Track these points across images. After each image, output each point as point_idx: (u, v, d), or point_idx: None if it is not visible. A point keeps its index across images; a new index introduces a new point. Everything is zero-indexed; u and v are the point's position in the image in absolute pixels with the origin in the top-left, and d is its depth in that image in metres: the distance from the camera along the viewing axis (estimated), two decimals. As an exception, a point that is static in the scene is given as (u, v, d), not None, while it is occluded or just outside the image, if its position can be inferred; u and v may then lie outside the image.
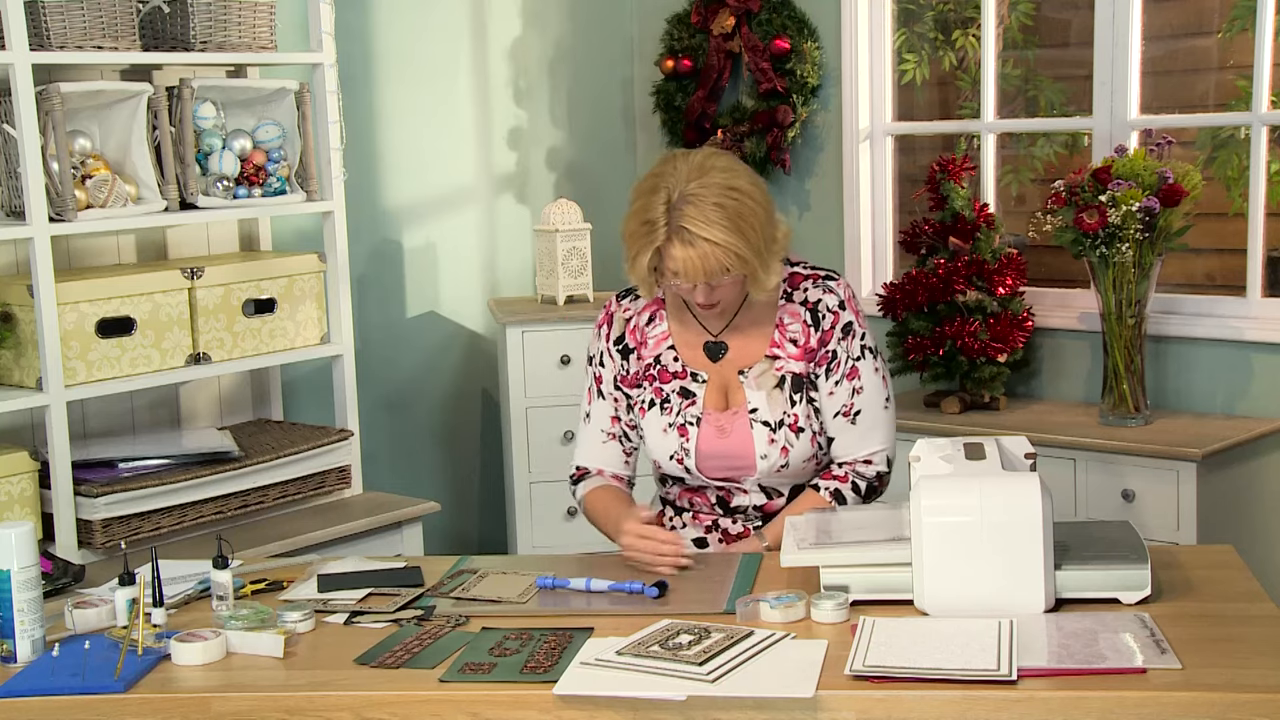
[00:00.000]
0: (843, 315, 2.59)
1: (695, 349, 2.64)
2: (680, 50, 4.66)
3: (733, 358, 2.62)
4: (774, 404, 2.57)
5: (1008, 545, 2.08)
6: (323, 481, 3.53)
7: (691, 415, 2.60)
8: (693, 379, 2.62)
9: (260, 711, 1.96)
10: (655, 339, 2.66)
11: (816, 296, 2.60)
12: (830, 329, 2.58)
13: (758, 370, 2.59)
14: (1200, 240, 4.00)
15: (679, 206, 2.42)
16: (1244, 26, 4.03)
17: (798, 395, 2.58)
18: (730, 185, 2.44)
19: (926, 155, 4.46)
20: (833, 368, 2.58)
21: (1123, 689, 1.84)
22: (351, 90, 4.00)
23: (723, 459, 2.60)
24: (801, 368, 2.58)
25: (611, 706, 1.91)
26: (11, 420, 3.23)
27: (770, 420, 2.57)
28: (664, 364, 2.65)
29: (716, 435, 2.59)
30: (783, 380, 2.58)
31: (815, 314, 2.59)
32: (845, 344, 2.58)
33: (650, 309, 2.68)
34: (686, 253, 2.42)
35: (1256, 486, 3.69)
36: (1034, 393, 4.17)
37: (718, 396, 2.61)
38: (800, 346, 2.59)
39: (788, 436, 2.57)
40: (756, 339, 2.61)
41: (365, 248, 4.14)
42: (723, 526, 2.66)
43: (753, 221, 2.44)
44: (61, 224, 3.10)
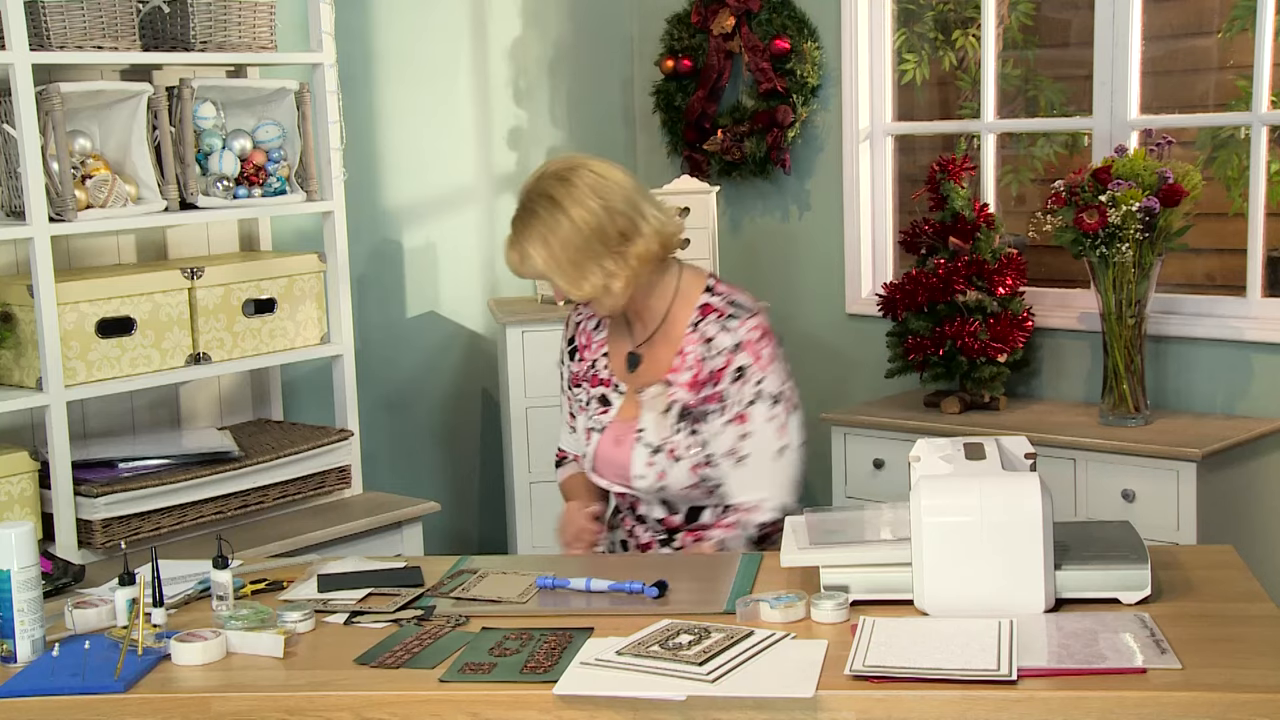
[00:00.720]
0: (736, 358, 2.60)
1: (620, 359, 2.73)
2: (680, 50, 4.66)
3: (643, 373, 2.69)
4: (659, 428, 2.63)
5: (1008, 545, 2.08)
6: (323, 481, 3.53)
7: (599, 422, 2.71)
8: (614, 389, 2.72)
9: (260, 711, 1.96)
10: (596, 344, 2.78)
11: (713, 333, 2.63)
12: (721, 370, 2.60)
13: (652, 392, 2.65)
14: (1200, 240, 4.00)
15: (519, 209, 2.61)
16: (1244, 26, 4.04)
17: (682, 424, 2.62)
18: (552, 197, 2.55)
19: (926, 155, 4.46)
20: (725, 408, 2.61)
21: (1123, 689, 1.84)
22: (351, 90, 4.00)
23: (613, 468, 2.69)
24: (690, 398, 2.62)
25: (611, 706, 1.91)
26: (11, 420, 3.23)
27: (653, 442, 2.63)
28: (596, 370, 2.76)
29: (611, 445, 2.68)
30: (670, 407, 2.63)
31: (708, 350, 2.62)
32: (736, 387, 2.60)
33: (598, 316, 2.78)
34: (508, 252, 2.62)
35: (1256, 486, 3.69)
36: (1034, 393, 4.17)
37: (629, 409, 2.70)
38: (693, 377, 2.62)
39: (664, 462, 2.62)
40: (661, 362, 2.67)
41: (365, 248, 4.14)
42: (636, 533, 2.74)
43: (559, 234, 2.53)
44: (61, 224, 3.10)
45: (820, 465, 4.54)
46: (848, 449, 4.11)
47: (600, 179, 2.59)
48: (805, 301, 4.66)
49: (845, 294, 4.55)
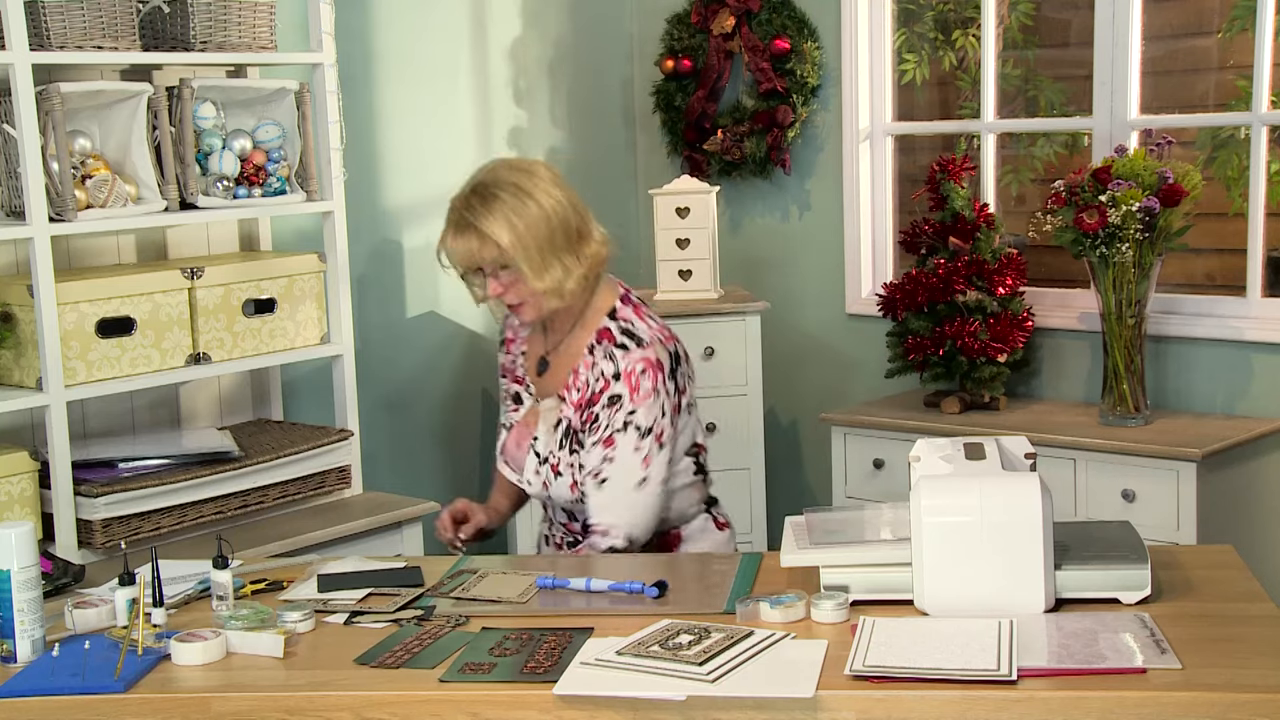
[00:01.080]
0: (613, 385, 2.59)
1: (535, 359, 2.77)
2: (680, 50, 4.66)
3: (548, 379, 2.72)
4: (547, 440, 2.68)
5: (1008, 545, 2.08)
6: (323, 481, 3.53)
7: (509, 420, 2.78)
8: (525, 389, 2.77)
9: (260, 711, 1.96)
10: (520, 341, 2.82)
11: (601, 358, 2.62)
12: (599, 393, 2.60)
13: (547, 405, 2.70)
14: (1200, 240, 4.00)
15: (467, 199, 2.57)
16: (1244, 26, 4.04)
17: (565, 440, 2.65)
18: (515, 183, 2.55)
19: (926, 155, 4.46)
20: (593, 429, 2.61)
21: (1123, 689, 1.84)
22: (351, 90, 4.00)
23: (516, 466, 2.76)
24: (573, 418, 2.65)
25: (611, 706, 1.91)
26: (11, 420, 3.23)
27: (540, 452, 2.69)
28: (516, 366, 2.81)
29: (513, 444, 2.76)
30: (559, 422, 2.66)
31: (592, 374, 2.63)
32: (609, 412, 2.59)
33: None
34: (456, 241, 2.57)
35: (1256, 486, 3.69)
36: (1034, 393, 4.17)
37: (533, 412, 2.74)
38: (580, 397, 2.64)
39: (548, 474, 2.68)
40: (561, 375, 2.69)
41: (365, 248, 4.14)
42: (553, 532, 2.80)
43: (526, 219, 2.53)
44: (61, 224, 3.10)
45: (820, 465, 4.55)
46: (848, 449, 4.11)
47: (557, 176, 2.62)
48: (805, 301, 4.66)
49: (845, 294, 4.55)
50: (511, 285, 2.58)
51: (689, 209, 4.29)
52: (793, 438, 4.77)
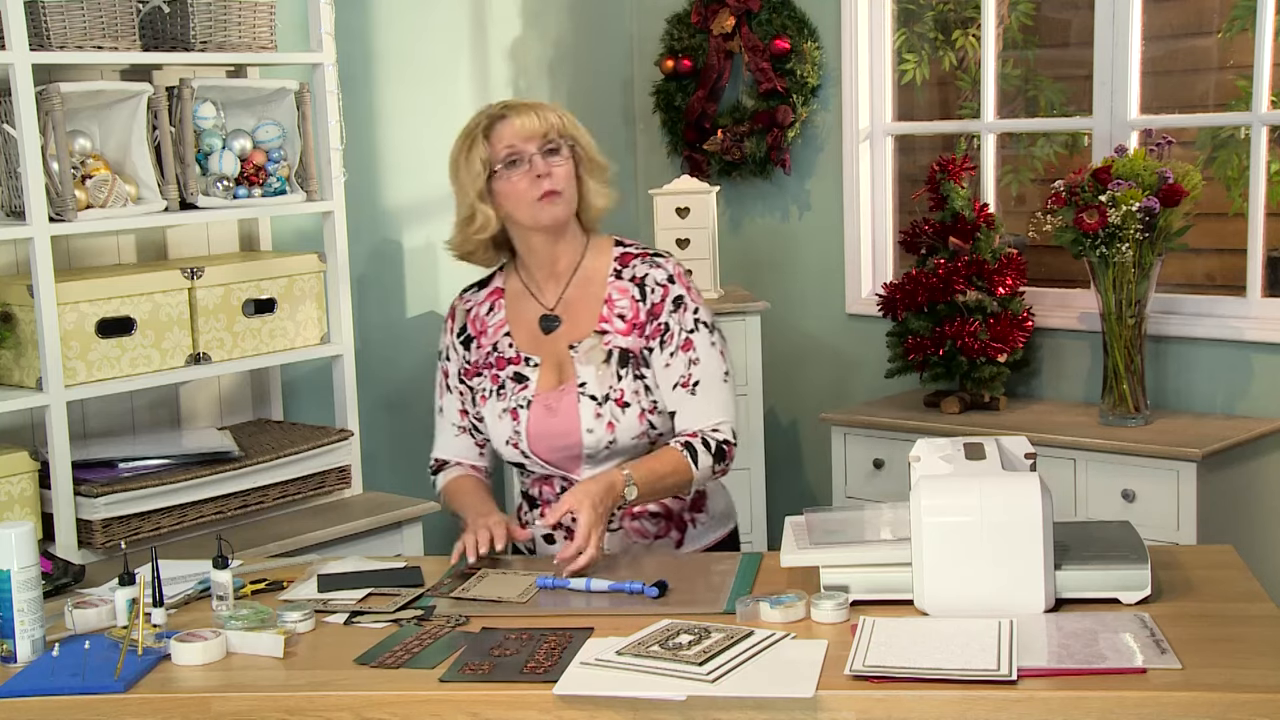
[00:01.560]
0: (672, 289, 2.60)
1: (531, 328, 2.66)
2: (680, 50, 4.66)
3: (565, 331, 2.63)
4: (602, 378, 2.58)
5: (1008, 545, 2.08)
6: (323, 481, 3.53)
7: (523, 399, 2.62)
8: (526, 363, 2.65)
9: (260, 711, 1.96)
10: (494, 327, 2.70)
11: (644, 271, 2.62)
12: (660, 302, 2.59)
13: (587, 345, 2.60)
14: (1200, 240, 4.00)
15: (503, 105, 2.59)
16: (1244, 26, 4.04)
17: (624, 370, 2.58)
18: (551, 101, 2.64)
19: (926, 155, 4.46)
20: (666, 339, 2.58)
21: (1123, 689, 1.84)
22: (351, 90, 4.00)
23: (551, 438, 2.59)
24: (629, 343, 2.59)
25: (611, 706, 1.91)
26: (11, 420, 3.23)
27: (597, 394, 2.57)
28: (500, 351, 2.68)
29: (545, 414, 2.60)
30: (610, 355, 2.59)
31: (642, 288, 2.60)
32: (677, 316, 2.59)
33: (490, 298, 2.73)
34: (517, 120, 2.56)
35: (1256, 486, 3.69)
36: (1034, 393, 4.17)
37: (551, 375, 2.62)
38: (628, 321, 2.60)
39: (614, 411, 2.56)
40: (587, 314, 2.63)
41: (365, 248, 4.14)
42: (563, 523, 2.60)
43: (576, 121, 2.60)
44: (61, 224, 3.10)
45: (820, 465, 4.55)
46: (848, 449, 4.11)
47: None
48: (805, 301, 4.66)
49: (845, 294, 4.55)
50: (560, 167, 2.56)
51: (689, 209, 4.29)
52: (793, 438, 4.77)
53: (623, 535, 2.61)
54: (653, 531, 2.62)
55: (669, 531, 2.63)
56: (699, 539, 2.67)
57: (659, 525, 2.63)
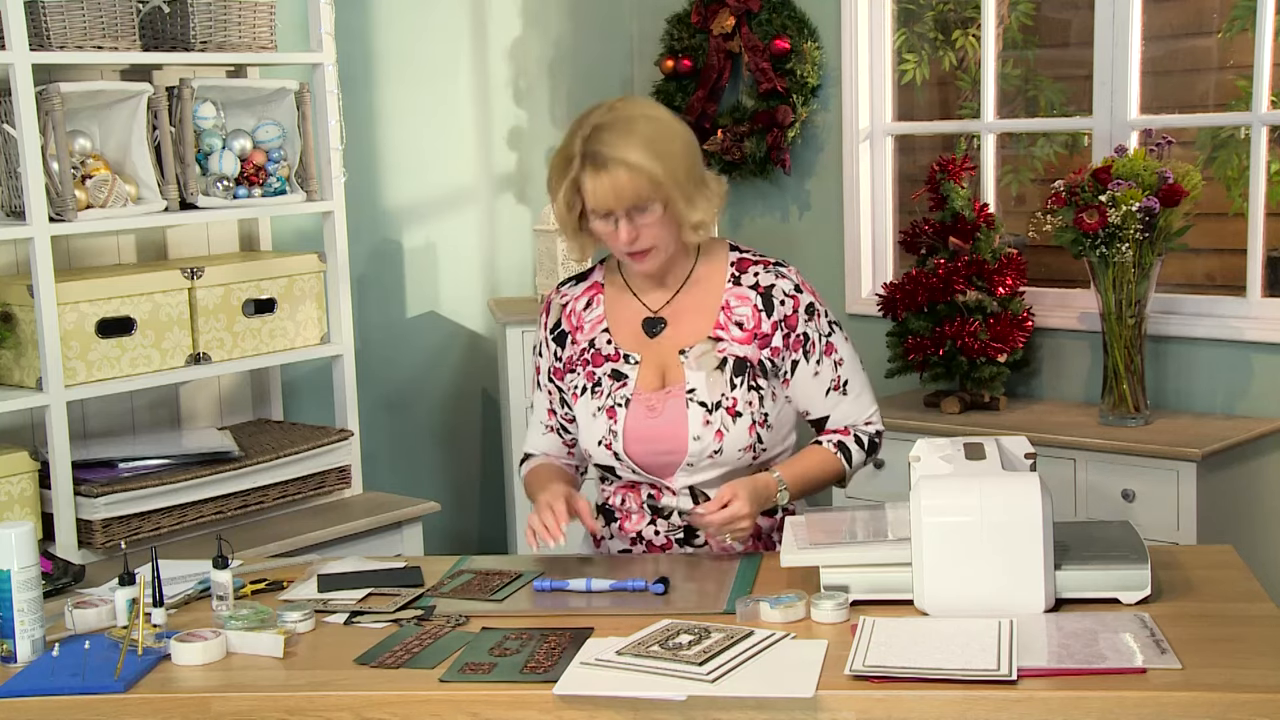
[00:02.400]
0: (802, 298, 2.56)
1: (633, 328, 2.57)
2: (680, 50, 4.66)
3: (671, 335, 2.54)
4: (713, 385, 2.49)
5: (1008, 545, 2.08)
6: (323, 481, 3.53)
7: (621, 397, 2.52)
8: (625, 361, 2.54)
9: (260, 711, 1.96)
10: (591, 323, 2.60)
11: (769, 281, 2.56)
12: (794, 313, 2.54)
13: (699, 350, 2.52)
14: (1200, 240, 4.00)
15: (594, 135, 2.39)
16: (1244, 26, 4.03)
17: (739, 379, 2.50)
18: (647, 114, 2.43)
19: (926, 155, 4.46)
20: (809, 349, 2.55)
21: (1123, 689, 1.84)
22: (351, 90, 4.00)
23: (651, 441, 2.50)
24: (747, 351, 2.52)
25: (611, 706, 1.91)
26: (11, 420, 3.23)
27: (707, 401, 2.48)
28: (597, 347, 2.57)
29: (646, 414, 2.50)
30: (724, 362, 2.50)
31: (768, 299, 2.55)
32: (814, 324, 2.55)
33: (588, 293, 2.63)
34: (599, 179, 2.37)
35: (1256, 486, 3.69)
36: (1034, 393, 4.17)
37: (653, 377, 2.53)
38: (748, 331, 2.53)
39: (724, 419, 2.48)
40: (699, 319, 2.54)
41: (365, 248, 4.14)
42: (646, 538, 2.56)
43: (671, 146, 2.41)
44: (61, 224, 3.10)
45: (820, 465, 4.54)
46: (848, 449, 4.10)
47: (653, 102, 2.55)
48: (805, 301, 4.66)
49: (845, 294, 4.55)
50: (649, 226, 2.42)
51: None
52: (793, 438, 4.77)
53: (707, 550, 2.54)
54: (739, 549, 2.54)
55: (756, 550, 2.57)
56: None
57: (745, 542, 2.54)
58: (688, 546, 2.54)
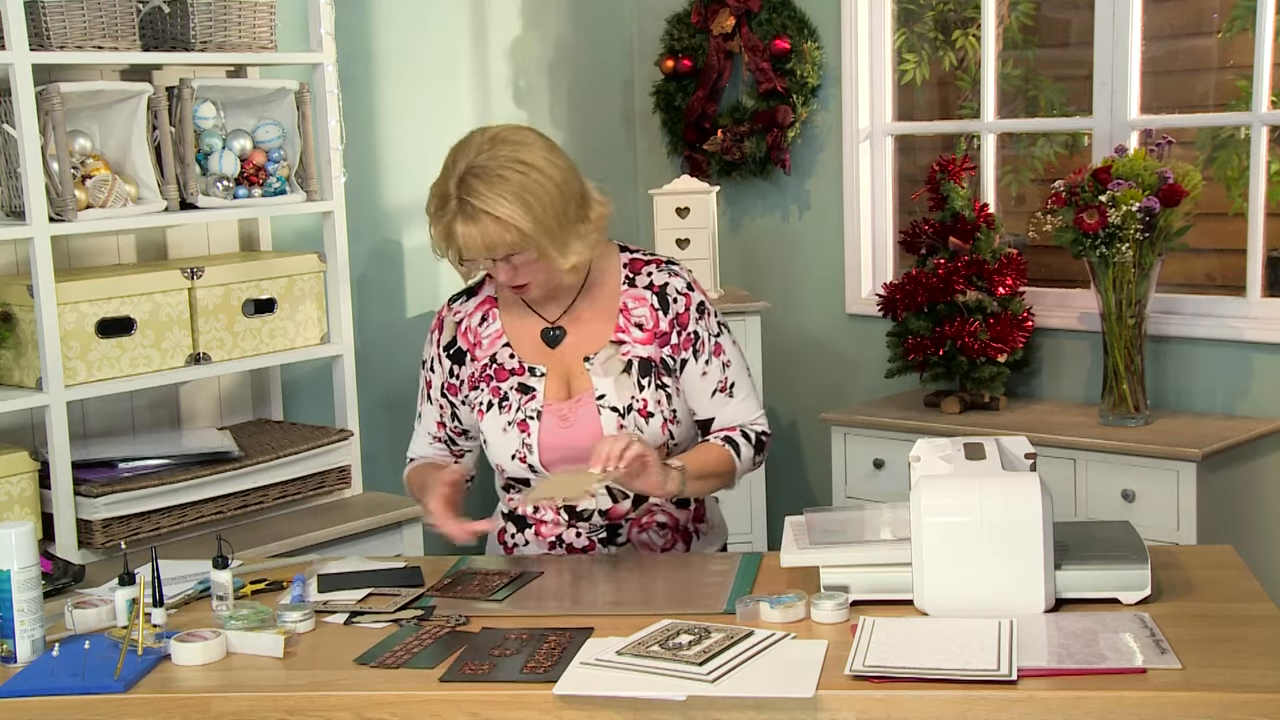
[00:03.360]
0: (693, 296, 2.56)
1: (533, 339, 2.56)
2: (680, 50, 4.66)
3: (573, 343, 2.54)
4: (622, 389, 2.49)
5: (1008, 545, 2.08)
6: (323, 481, 3.53)
7: (531, 410, 2.51)
8: (530, 373, 2.53)
9: (260, 711, 1.96)
10: (489, 338, 2.58)
11: (663, 280, 2.56)
12: (685, 311, 2.54)
13: (604, 355, 2.51)
14: (1200, 240, 4.00)
15: (466, 180, 2.37)
16: (1244, 26, 4.03)
17: (646, 380, 2.50)
18: (519, 159, 2.38)
19: (926, 155, 4.46)
20: (699, 348, 2.55)
21: (1123, 689, 1.84)
22: (351, 90, 4.00)
23: (566, 450, 2.49)
24: (649, 352, 2.52)
25: (611, 706, 1.91)
26: (11, 420, 3.23)
27: (619, 405, 2.49)
28: (499, 362, 2.56)
29: (559, 425, 2.50)
30: (630, 365, 2.51)
31: (663, 297, 2.54)
32: (704, 324, 2.55)
33: (482, 308, 2.60)
34: (468, 229, 2.35)
35: (1256, 486, 3.69)
36: (1034, 393, 4.17)
37: (559, 387, 2.52)
38: (648, 331, 2.53)
39: (637, 421, 2.49)
40: (599, 325, 2.54)
41: (365, 248, 4.14)
42: (566, 541, 2.56)
43: (541, 196, 2.36)
44: (61, 224, 3.10)
45: (820, 465, 4.55)
46: (848, 449, 4.11)
47: (548, 141, 2.48)
48: (805, 301, 4.66)
49: (845, 294, 4.55)
50: (525, 267, 2.42)
51: (689, 209, 4.29)
52: (793, 438, 4.77)
53: (630, 549, 2.57)
54: (659, 544, 2.58)
55: (675, 544, 2.60)
56: (702, 549, 2.64)
57: (665, 537, 2.59)
58: (611, 546, 2.56)
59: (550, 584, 2.38)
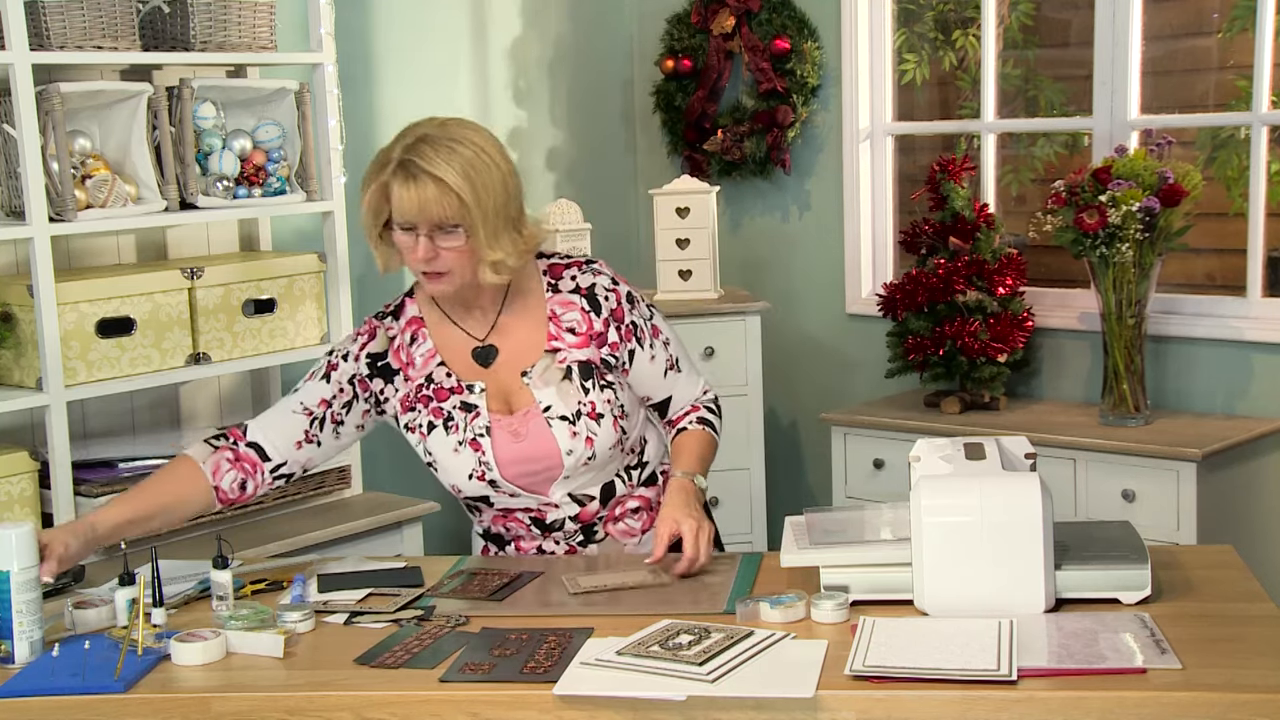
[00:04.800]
0: (621, 289, 2.56)
1: (464, 358, 2.52)
2: (680, 50, 4.66)
3: (506, 360, 2.51)
4: (566, 396, 2.47)
5: (1008, 545, 2.08)
6: (323, 481, 3.53)
7: (479, 427, 2.47)
8: (469, 391, 2.49)
9: (260, 711, 1.96)
10: (422, 358, 2.53)
11: (589, 281, 2.55)
12: (618, 305, 2.54)
13: (541, 366, 2.49)
14: (1200, 240, 4.00)
15: (415, 146, 2.33)
16: (1244, 26, 4.03)
17: (589, 383, 2.49)
18: (476, 142, 2.36)
19: (926, 155, 4.46)
20: (641, 336, 2.56)
21: (1123, 689, 1.84)
22: (351, 90, 4.00)
23: (525, 463, 2.47)
24: (586, 355, 2.51)
25: (611, 706, 1.91)
26: (11, 420, 3.23)
27: (567, 414, 2.47)
28: (437, 382, 2.51)
29: (512, 440, 2.47)
30: (569, 371, 2.49)
31: (592, 298, 2.53)
32: (637, 311, 2.57)
33: (410, 328, 2.54)
34: (407, 189, 2.31)
35: (1256, 486, 3.69)
36: (1034, 393, 4.17)
37: (498, 404, 2.49)
38: (581, 334, 2.52)
39: (589, 425, 2.47)
40: (530, 336, 2.51)
41: (365, 248, 4.08)
42: (546, 552, 2.56)
43: (486, 179, 2.34)
44: (61, 224, 3.10)
45: (820, 465, 4.55)
46: (848, 449, 4.11)
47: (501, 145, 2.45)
48: (805, 301, 4.66)
49: (845, 294, 4.55)
50: (448, 251, 2.35)
51: (689, 209, 4.29)
52: (793, 438, 4.77)
53: (610, 541, 2.58)
54: (637, 527, 2.60)
55: (652, 522, 2.60)
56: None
57: (641, 519, 2.60)
58: (590, 546, 2.57)
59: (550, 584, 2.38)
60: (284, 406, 2.55)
